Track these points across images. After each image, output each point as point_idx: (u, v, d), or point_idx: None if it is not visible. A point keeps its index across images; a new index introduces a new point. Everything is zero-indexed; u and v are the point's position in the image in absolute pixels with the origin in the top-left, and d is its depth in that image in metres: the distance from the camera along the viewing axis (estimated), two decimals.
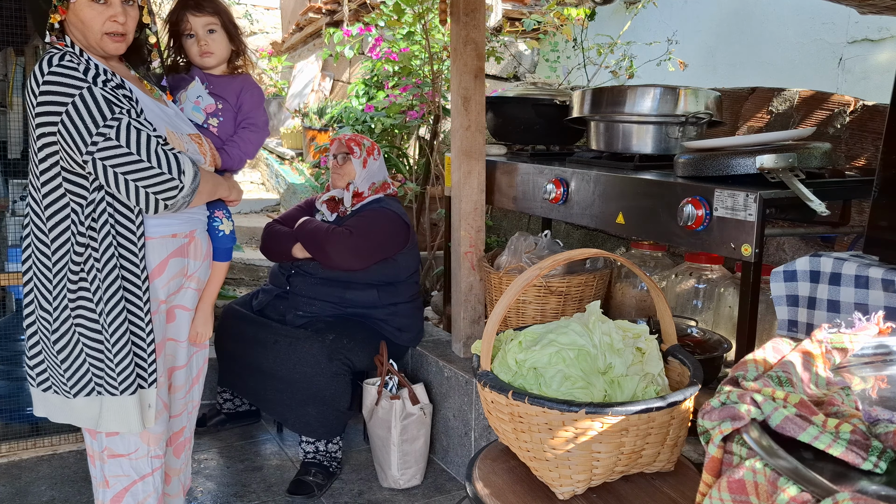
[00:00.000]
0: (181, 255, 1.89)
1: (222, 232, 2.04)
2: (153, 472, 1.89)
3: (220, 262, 2.07)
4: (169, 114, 1.86)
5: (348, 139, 2.81)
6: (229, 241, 2.07)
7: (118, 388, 1.75)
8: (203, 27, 2.07)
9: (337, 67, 7.64)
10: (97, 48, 1.71)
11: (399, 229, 2.75)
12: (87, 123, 1.61)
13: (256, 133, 2.14)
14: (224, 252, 2.08)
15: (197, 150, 1.87)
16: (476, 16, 2.54)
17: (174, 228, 1.86)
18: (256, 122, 2.13)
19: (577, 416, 1.28)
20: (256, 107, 2.14)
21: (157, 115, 1.78)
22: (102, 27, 1.67)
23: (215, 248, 2.05)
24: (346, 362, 2.62)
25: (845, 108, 2.56)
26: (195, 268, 1.96)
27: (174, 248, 1.86)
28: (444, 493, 2.62)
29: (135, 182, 1.65)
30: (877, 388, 0.94)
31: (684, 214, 1.88)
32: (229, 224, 2.06)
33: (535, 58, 5.90)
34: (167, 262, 1.84)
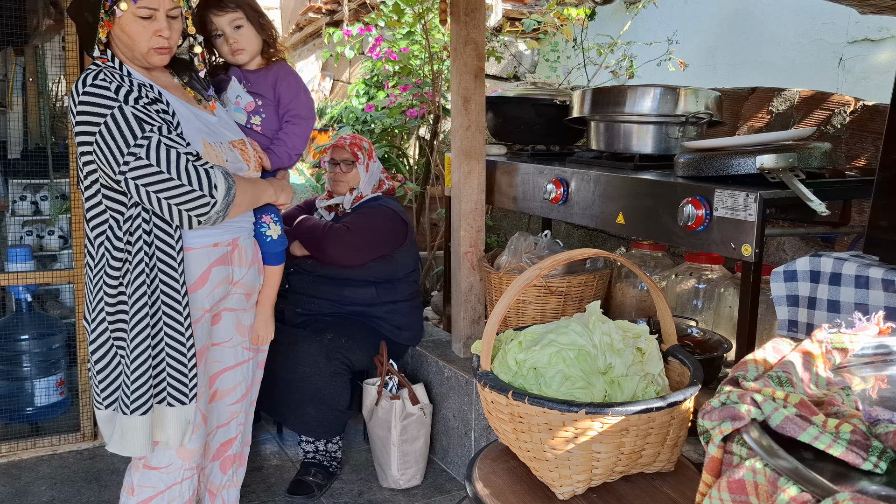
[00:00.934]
0: (224, 263, 1.86)
1: (270, 237, 1.99)
2: (182, 481, 1.88)
3: (271, 266, 2.04)
4: (211, 122, 1.84)
5: (350, 143, 2.78)
6: (278, 245, 2.02)
7: (129, 406, 1.72)
8: (229, 24, 2.02)
9: (337, 67, 7.64)
10: (142, 60, 1.73)
11: (397, 226, 2.75)
12: (118, 143, 1.62)
13: (300, 124, 2.06)
14: (274, 256, 2.04)
15: (239, 157, 1.85)
16: (476, 16, 2.54)
17: (215, 238, 1.83)
18: (298, 111, 2.06)
19: (577, 416, 1.28)
20: (295, 95, 2.06)
21: (196, 127, 1.77)
22: (149, 42, 1.69)
23: (264, 252, 2.01)
24: (345, 362, 2.62)
25: (845, 108, 2.56)
26: (241, 275, 1.93)
27: (216, 258, 1.84)
28: (444, 493, 2.62)
29: (167, 200, 1.65)
30: (877, 389, 0.94)
31: (684, 214, 1.88)
32: (277, 228, 2.00)
33: (535, 58, 5.90)
34: (209, 271, 1.82)
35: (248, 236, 1.95)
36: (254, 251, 1.97)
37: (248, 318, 2.06)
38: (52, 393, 3.00)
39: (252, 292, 2.01)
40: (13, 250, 2.83)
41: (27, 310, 2.96)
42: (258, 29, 2.04)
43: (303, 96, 2.07)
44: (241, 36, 2.02)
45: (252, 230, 1.97)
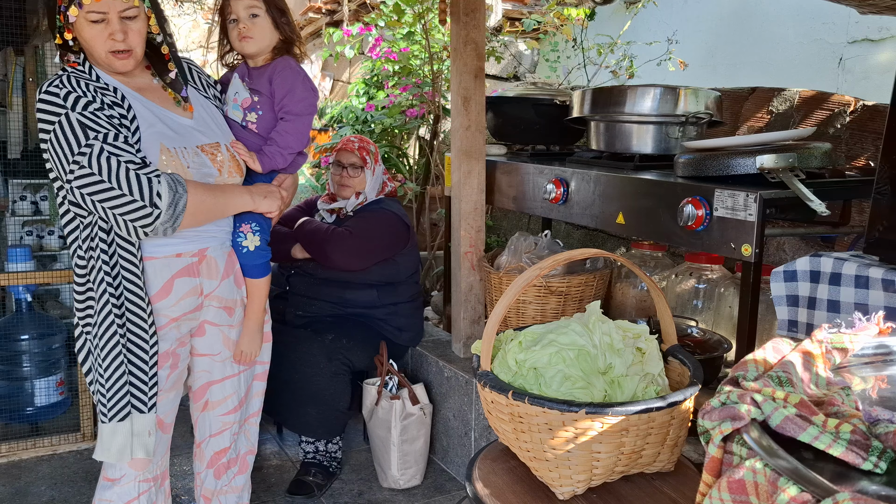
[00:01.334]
0: (190, 274, 1.78)
1: (246, 248, 1.86)
2: (139, 495, 1.82)
3: (253, 280, 1.91)
4: (183, 125, 1.76)
5: (359, 147, 2.76)
6: (257, 257, 1.89)
7: (107, 413, 1.69)
8: (245, 10, 1.93)
9: (337, 67, 7.64)
10: (106, 65, 1.69)
11: (399, 230, 2.75)
12: (65, 151, 1.59)
13: (293, 121, 1.92)
14: (253, 269, 1.90)
15: (207, 162, 1.75)
16: (476, 16, 2.54)
17: (178, 248, 1.76)
18: (291, 107, 1.91)
19: (577, 416, 1.28)
20: (289, 90, 1.92)
21: (158, 131, 1.69)
22: (104, 46, 1.63)
23: (242, 265, 1.90)
24: (346, 362, 2.62)
25: (845, 108, 2.56)
26: (211, 287, 1.84)
27: (179, 268, 1.76)
28: (444, 493, 2.62)
29: (111, 210, 1.59)
30: (877, 388, 0.94)
31: (684, 214, 1.88)
32: (255, 239, 1.87)
33: (535, 58, 5.90)
34: (172, 282, 1.75)
35: (221, 247, 1.85)
36: (228, 262, 1.87)
37: (236, 333, 1.97)
38: (52, 393, 3.00)
39: (234, 306, 1.91)
40: (13, 250, 2.83)
41: (27, 310, 2.96)
42: (275, 25, 1.94)
43: (299, 91, 1.93)
44: (255, 25, 1.92)
45: (228, 240, 1.87)
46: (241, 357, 1.97)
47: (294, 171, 2.03)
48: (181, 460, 2.79)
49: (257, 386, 2.12)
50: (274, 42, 1.95)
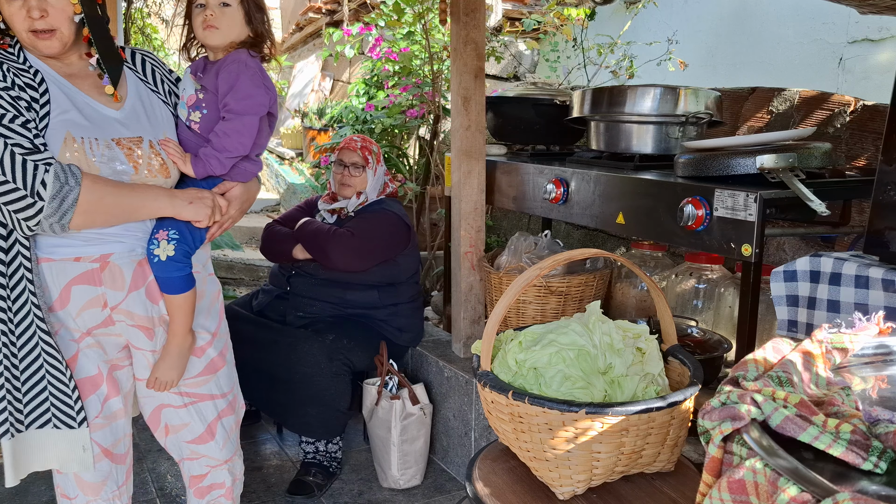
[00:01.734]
0: (90, 282, 1.59)
1: (157, 258, 1.61)
2: None
3: (169, 296, 1.65)
4: (105, 116, 1.59)
5: (361, 147, 2.76)
6: (169, 269, 1.62)
7: (24, 422, 1.59)
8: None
9: (337, 67, 7.64)
10: (30, 47, 1.54)
11: (400, 231, 2.75)
12: None
13: (233, 121, 1.66)
14: (167, 283, 1.64)
15: (121, 157, 1.56)
16: (476, 16, 2.54)
17: (77, 250, 1.57)
18: (232, 105, 1.66)
19: (577, 416, 1.28)
20: (231, 86, 1.67)
21: (69, 119, 1.53)
22: (23, 24, 1.49)
23: (155, 277, 1.64)
24: (346, 363, 2.62)
25: (845, 108, 2.56)
26: (117, 299, 1.62)
27: (77, 274, 1.57)
28: (444, 493, 2.62)
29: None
30: (877, 389, 0.94)
31: (684, 214, 1.88)
32: (169, 248, 1.61)
33: (535, 58, 5.90)
34: (70, 289, 1.58)
35: (129, 253, 1.62)
36: (138, 273, 1.64)
37: (154, 358, 1.74)
38: None
39: (151, 325, 1.68)
40: None
41: None
42: (247, 19, 1.71)
43: (243, 87, 1.67)
44: (223, 14, 1.68)
45: (139, 246, 1.64)
46: (156, 384, 1.71)
47: (244, 180, 1.77)
48: None
49: (228, 420, 1.89)
50: (242, 37, 1.72)
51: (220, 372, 1.86)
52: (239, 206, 1.76)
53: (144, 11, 6.57)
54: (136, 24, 6.19)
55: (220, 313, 1.88)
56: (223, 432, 1.87)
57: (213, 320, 1.83)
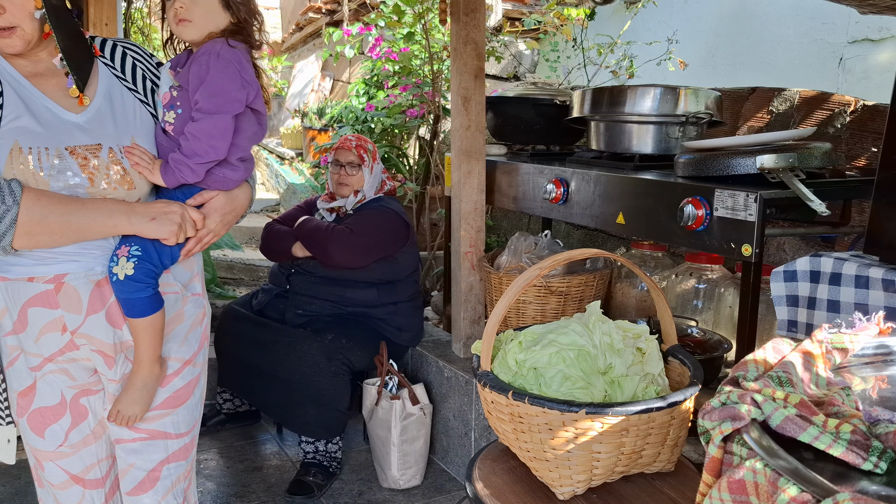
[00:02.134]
0: (45, 304, 1.45)
1: (115, 276, 1.44)
2: None
3: (131, 320, 1.47)
4: (65, 121, 1.42)
5: (356, 146, 2.77)
6: (129, 289, 1.44)
7: None
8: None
9: (337, 67, 7.64)
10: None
11: (399, 228, 2.75)
12: None
13: (203, 121, 1.45)
14: (128, 304, 1.46)
15: (75, 168, 1.40)
16: (476, 16, 2.54)
17: (29, 270, 1.43)
18: (202, 103, 1.45)
19: (577, 416, 1.28)
20: (202, 81, 1.46)
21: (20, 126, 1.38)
22: None
23: (116, 297, 1.47)
24: (346, 362, 2.62)
25: (845, 108, 2.56)
26: (76, 323, 1.47)
27: (32, 296, 1.44)
28: (444, 494, 2.62)
29: None
30: (877, 389, 0.94)
31: (684, 214, 1.88)
32: (128, 266, 1.43)
33: (535, 58, 5.90)
34: (26, 312, 1.45)
35: (85, 274, 1.46)
36: (96, 294, 1.47)
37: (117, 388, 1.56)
38: None
39: (112, 353, 1.52)
40: None
41: None
42: (225, 4, 1.49)
43: (213, 81, 1.45)
44: (194, 5, 1.47)
45: (98, 265, 1.47)
46: (117, 418, 1.53)
47: (224, 188, 1.56)
48: None
49: (175, 470, 1.62)
50: (223, 25, 1.50)
51: (181, 407, 1.61)
52: (220, 217, 1.56)
53: (144, 11, 6.56)
54: (136, 24, 6.19)
55: (201, 340, 1.66)
56: (166, 483, 1.60)
57: (190, 347, 1.62)
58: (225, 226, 1.58)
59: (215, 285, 3.90)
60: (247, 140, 1.56)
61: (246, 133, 1.54)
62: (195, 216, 1.50)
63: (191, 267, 1.63)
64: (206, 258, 3.44)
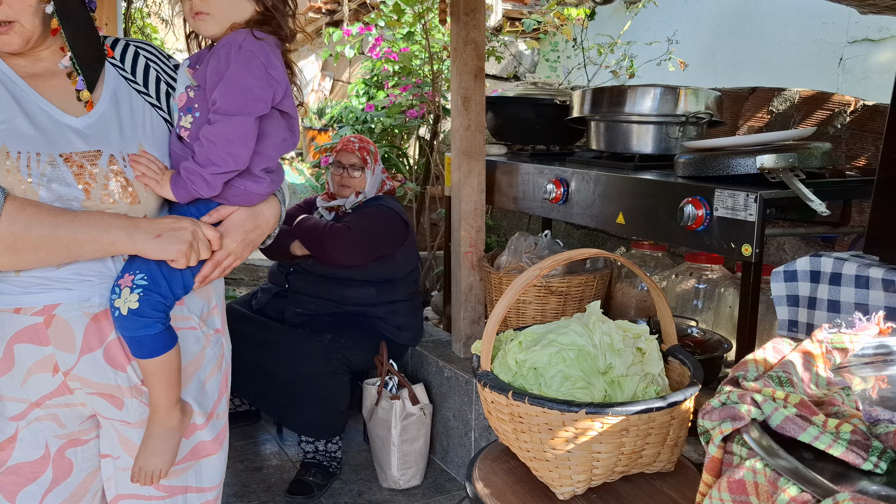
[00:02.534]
0: (34, 341, 1.25)
1: (117, 311, 1.24)
2: None
3: (142, 361, 1.27)
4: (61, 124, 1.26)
5: (359, 147, 2.77)
6: (136, 326, 1.24)
7: None
8: None
9: (337, 67, 7.64)
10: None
11: (398, 226, 2.75)
12: None
13: (221, 123, 1.26)
14: (135, 344, 1.26)
15: (68, 177, 1.22)
16: (476, 16, 2.54)
17: (15, 300, 1.24)
18: (221, 103, 1.26)
19: (577, 416, 1.28)
20: (221, 77, 1.27)
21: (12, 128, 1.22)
22: None
23: (121, 335, 1.27)
24: (345, 362, 2.62)
25: (846, 108, 2.56)
26: (68, 363, 1.27)
27: (19, 330, 1.24)
28: (444, 493, 2.62)
29: None
30: (877, 389, 0.94)
31: (684, 214, 1.88)
32: (132, 298, 1.23)
33: (535, 58, 5.91)
34: (12, 349, 1.25)
35: (80, 304, 1.26)
36: (92, 329, 1.27)
37: (138, 435, 1.35)
38: None
39: (119, 395, 1.32)
40: None
41: None
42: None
43: (234, 77, 1.26)
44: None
45: (96, 295, 1.27)
46: (140, 476, 1.32)
47: (246, 203, 1.36)
48: None
49: None
50: (247, 15, 1.31)
51: (207, 460, 1.43)
52: (242, 236, 1.35)
53: (144, 11, 6.56)
54: (136, 24, 6.19)
55: (221, 387, 1.48)
56: None
57: (209, 398, 1.42)
58: (247, 246, 1.37)
59: None
60: (273, 148, 1.35)
61: (273, 139, 1.34)
62: (210, 235, 1.30)
63: (208, 296, 1.42)
64: None
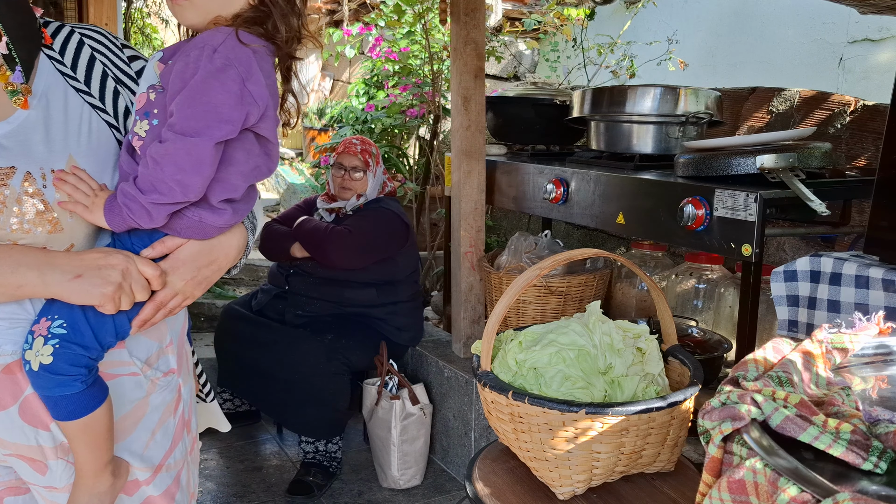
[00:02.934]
0: None
1: (28, 364, 1.02)
2: None
3: (62, 423, 1.06)
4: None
5: (361, 150, 2.77)
6: (50, 384, 1.02)
7: None
8: None
9: (337, 67, 7.64)
10: None
11: (398, 229, 2.75)
12: None
13: (173, 143, 1.01)
14: (53, 404, 1.04)
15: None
16: (476, 16, 2.54)
17: None
18: (176, 119, 1.02)
19: (577, 416, 1.27)
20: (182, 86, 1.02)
21: None
22: None
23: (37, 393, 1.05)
24: (345, 362, 2.62)
25: (845, 108, 2.56)
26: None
27: None
28: (444, 493, 2.62)
29: None
30: (877, 389, 0.94)
31: (684, 214, 1.88)
32: (46, 351, 1.01)
33: (535, 58, 5.91)
34: None
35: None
36: (4, 384, 1.06)
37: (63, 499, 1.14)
38: None
39: (41, 458, 1.11)
40: None
41: None
42: None
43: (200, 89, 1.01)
44: None
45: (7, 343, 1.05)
46: None
47: (199, 237, 1.10)
48: None
49: None
50: (235, 9, 1.07)
51: None
52: (193, 273, 1.10)
53: (144, 11, 6.56)
54: (136, 24, 6.19)
55: (176, 434, 1.23)
56: None
57: (159, 447, 1.19)
58: (199, 284, 1.12)
59: (216, 285, 3.90)
60: (240, 176, 1.09)
61: (241, 166, 1.09)
62: (149, 273, 1.05)
63: (160, 335, 1.18)
64: None
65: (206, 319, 3.76)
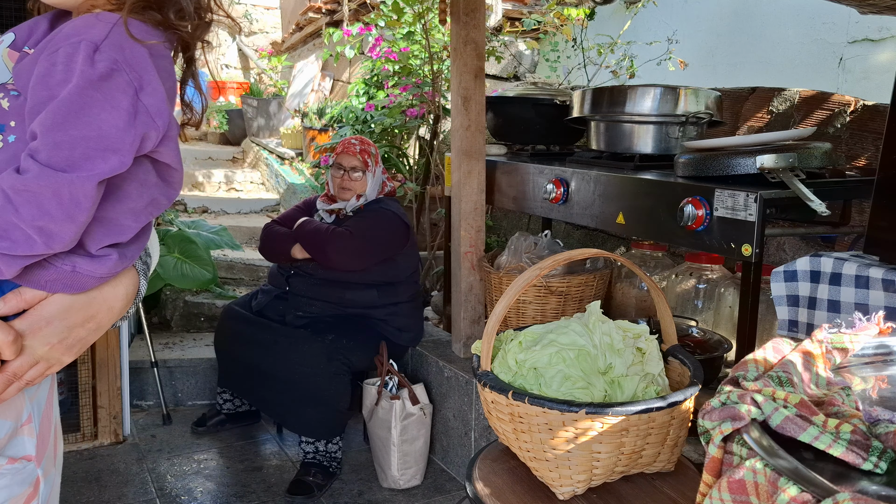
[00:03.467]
0: None
1: None
2: None
3: None
4: None
5: (360, 150, 2.77)
6: None
7: None
8: None
9: (337, 67, 7.64)
10: None
11: (399, 230, 2.75)
12: None
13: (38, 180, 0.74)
14: None
15: None
16: (476, 16, 2.54)
17: None
18: (41, 147, 0.75)
19: (577, 416, 1.27)
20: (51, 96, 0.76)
21: None
22: None
23: None
24: (346, 362, 2.62)
25: (846, 108, 2.56)
26: None
27: None
28: (444, 494, 2.62)
29: None
30: (877, 389, 0.94)
31: (684, 214, 1.88)
32: None
33: (535, 58, 5.90)
34: None
35: None
36: None
37: None
38: None
39: None
40: None
41: None
42: None
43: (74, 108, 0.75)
44: None
45: None
46: None
47: (68, 290, 0.84)
48: (180, 460, 2.79)
49: None
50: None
51: None
52: (62, 335, 0.85)
53: None
54: None
55: None
56: None
57: None
58: (70, 348, 0.87)
59: (216, 285, 3.90)
60: (131, 215, 0.85)
61: (132, 203, 0.84)
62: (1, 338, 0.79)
63: (16, 412, 0.91)
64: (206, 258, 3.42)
65: (206, 319, 3.75)
